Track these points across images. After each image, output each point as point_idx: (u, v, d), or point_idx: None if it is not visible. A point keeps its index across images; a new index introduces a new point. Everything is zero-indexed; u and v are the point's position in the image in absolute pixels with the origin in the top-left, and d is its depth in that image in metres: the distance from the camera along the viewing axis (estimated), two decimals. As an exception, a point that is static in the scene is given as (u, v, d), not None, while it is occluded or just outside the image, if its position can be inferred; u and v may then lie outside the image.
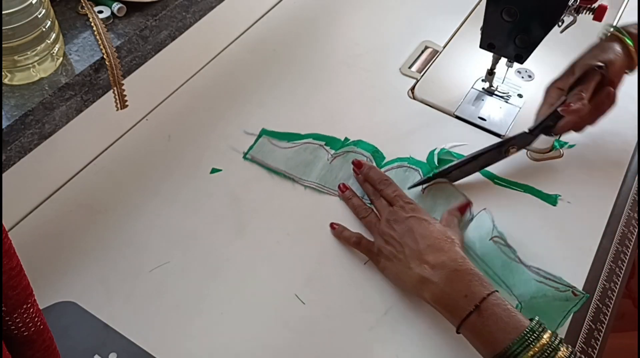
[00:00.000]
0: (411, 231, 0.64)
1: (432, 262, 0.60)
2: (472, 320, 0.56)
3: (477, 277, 0.58)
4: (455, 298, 0.57)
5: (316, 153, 0.77)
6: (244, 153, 0.76)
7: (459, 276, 0.58)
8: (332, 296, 0.65)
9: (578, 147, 0.79)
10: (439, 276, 0.59)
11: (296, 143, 0.78)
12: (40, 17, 0.57)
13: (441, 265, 0.60)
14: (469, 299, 0.57)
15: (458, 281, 0.58)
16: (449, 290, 0.58)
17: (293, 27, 0.95)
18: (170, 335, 0.61)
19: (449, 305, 0.58)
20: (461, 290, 0.58)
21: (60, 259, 0.67)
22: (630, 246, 0.70)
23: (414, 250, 0.62)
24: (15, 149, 0.60)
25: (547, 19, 0.71)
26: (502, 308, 0.55)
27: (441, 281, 0.59)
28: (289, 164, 0.75)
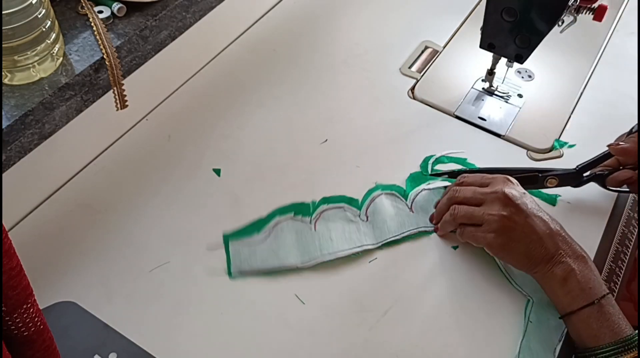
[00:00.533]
0: (533, 211, 0.63)
1: (566, 245, 0.62)
2: (589, 311, 0.58)
3: (598, 274, 0.61)
4: (582, 286, 0.59)
5: (295, 229, 0.69)
6: (228, 272, 0.65)
7: (587, 265, 0.61)
8: (332, 296, 0.65)
9: (578, 147, 0.79)
10: (572, 260, 0.61)
11: (267, 229, 0.69)
12: (40, 17, 0.57)
13: (572, 248, 0.62)
14: (592, 291, 0.59)
15: (587, 271, 0.60)
16: (577, 276, 0.60)
17: (293, 27, 0.95)
18: (170, 335, 0.61)
19: (572, 290, 0.60)
20: (588, 280, 0.60)
21: (60, 259, 0.67)
22: (630, 246, 0.70)
23: (545, 230, 0.62)
24: (15, 149, 0.60)
25: (547, 19, 0.71)
26: (616, 310, 0.59)
27: (573, 263, 0.60)
28: (280, 256, 0.66)
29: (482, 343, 0.61)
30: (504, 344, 0.61)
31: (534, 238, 0.62)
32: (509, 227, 0.62)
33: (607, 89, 0.87)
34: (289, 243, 0.67)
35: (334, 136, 0.80)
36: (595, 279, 0.60)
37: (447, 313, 0.63)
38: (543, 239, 0.62)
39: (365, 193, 0.73)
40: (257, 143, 0.79)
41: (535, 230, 0.62)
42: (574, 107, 0.84)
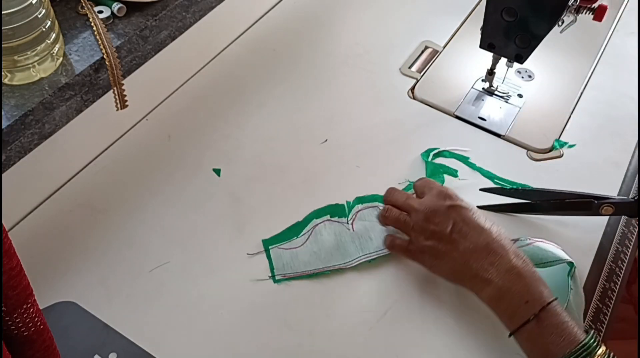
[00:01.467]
0: (457, 224, 0.60)
1: (492, 260, 0.58)
2: (530, 327, 0.55)
3: (539, 282, 0.57)
4: (516, 303, 0.56)
5: (334, 230, 0.69)
6: (272, 277, 0.66)
7: (521, 279, 0.56)
8: (332, 296, 0.65)
9: (578, 147, 0.79)
10: (500, 277, 0.57)
11: (306, 232, 0.69)
12: (40, 17, 0.57)
13: (504, 265, 0.57)
14: (529, 305, 0.55)
15: (521, 285, 0.56)
16: (510, 293, 0.56)
17: (293, 27, 0.95)
18: (170, 335, 0.61)
19: (508, 309, 0.57)
20: (523, 294, 0.56)
21: (60, 259, 0.67)
22: (630, 246, 0.70)
23: (469, 248, 0.59)
24: (15, 149, 0.60)
25: (547, 19, 0.71)
26: (559, 319, 0.54)
27: (502, 281, 0.57)
28: (322, 258, 0.67)
29: (482, 343, 0.61)
30: (504, 344, 0.61)
31: (455, 255, 0.60)
32: (434, 246, 0.61)
33: (607, 89, 0.87)
34: (329, 245, 0.68)
35: (334, 136, 0.80)
36: (533, 291, 0.56)
37: (447, 313, 0.63)
38: (465, 255, 0.59)
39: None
40: (257, 143, 0.79)
41: (457, 247, 0.60)
42: (574, 107, 0.84)
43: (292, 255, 0.67)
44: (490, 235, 0.60)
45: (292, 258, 0.67)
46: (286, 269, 0.66)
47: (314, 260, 0.67)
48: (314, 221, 0.70)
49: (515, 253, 0.59)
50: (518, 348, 0.60)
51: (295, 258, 0.67)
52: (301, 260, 0.67)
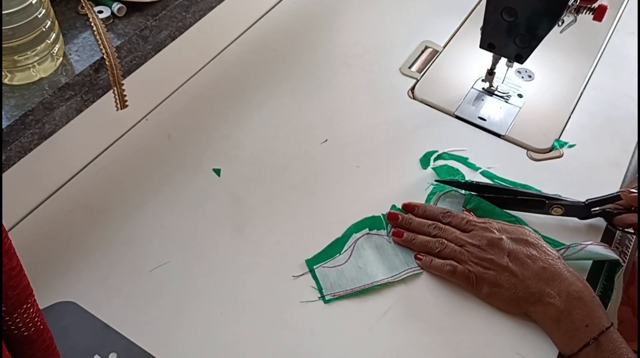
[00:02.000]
0: (514, 253, 0.62)
1: (553, 284, 0.59)
2: (589, 351, 0.56)
3: (599, 307, 0.58)
4: (576, 326, 0.57)
5: (375, 244, 0.69)
6: (321, 298, 0.64)
7: (582, 303, 0.58)
8: (332, 296, 0.65)
9: (578, 147, 0.79)
10: (562, 300, 0.58)
11: (347, 248, 0.68)
12: (40, 17, 0.57)
13: (565, 289, 0.59)
14: (589, 329, 0.57)
15: (581, 309, 0.58)
16: (571, 317, 0.58)
17: (293, 27, 0.95)
18: (170, 335, 0.61)
19: (568, 332, 0.58)
20: (584, 318, 0.57)
21: (60, 259, 0.67)
22: (630, 246, 0.70)
23: (528, 273, 0.60)
24: (15, 149, 0.60)
25: (547, 19, 0.71)
26: (617, 345, 0.56)
27: (564, 305, 0.58)
28: (369, 273, 0.66)
29: (482, 343, 0.61)
30: (504, 344, 0.61)
31: (514, 281, 0.61)
32: (494, 276, 0.62)
33: (607, 89, 0.87)
34: (373, 259, 0.67)
35: (334, 136, 0.80)
36: (593, 315, 0.58)
37: (447, 312, 0.63)
38: (525, 281, 0.61)
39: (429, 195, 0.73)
40: (257, 143, 0.79)
41: (515, 273, 0.61)
42: (574, 107, 0.84)
43: (338, 272, 0.66)
44: (547, 259, 0.62)
45: (338, 276, 0.66)
46: (334, 288, 0.65)
47: (361, 275, 0.66)
48: (354, 236, 0.69)
49: (574, 276, 0.61)
50: (518, 348, 0.60)
51: (341, 276, 0.66)
52: (348, 277, 0.66)
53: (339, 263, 0.67)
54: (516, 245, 0.63)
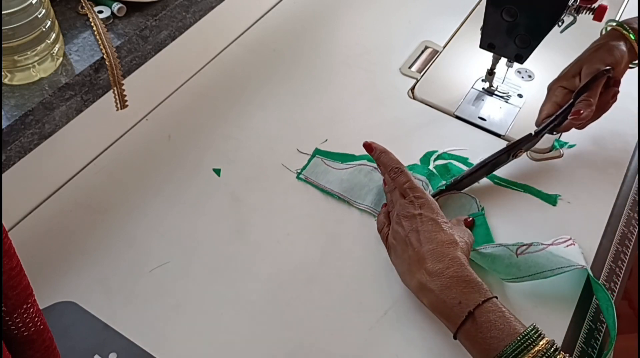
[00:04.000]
0: (416, 231, 0.63)
1: (431, 269, 0.59)
2: (467, 327, 0.56)
3: (473, 283, 0.58)
4: (450, 306, 0.57)
5: (371, 176, 0.74)
6: (297, 173, 0.75)
7: (454, 283, 0.58)
8: (332, 296, 0.65)
9: (578, 147, 0.79)
10: (436, 283, 0.58)
11: (350, 164, 0.75)
12: (40, 17, 0.57)
13: (438, 273, 0.59)
14: (462, 306, 0.56)
15: (453, 288, 0.57)
16: (445, 298, 0.58)
17: (293, 27, 0.95)
18: (170, 335, 0.61)
19: (444, 312, 0.58)
20: (455, 297, 0.57)
21: (60, 259, 0.67)
22: (630, 246, 0.70)
23: (416, 253, 0.61)
24: (15, 149, 0.60)
25: (547, 19, 0.71)
26: (497, 315, 0.55)
27: (437, 288, 0.58)
28: (343, 186, 0.73)
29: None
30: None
31: (403, 258, 0.63)
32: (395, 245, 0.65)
33: (607, 89, 0.87)
34: (357, 182, 0.74)
35: (334, 136, 0.80)
36: (466, 292, 0.57)
37: (447, 313, 0.63)
38: (411, 262, 0.61)
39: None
40: (257, 143, 0.79)
41: (407, 250, 0.62)
42: (574, 107, 0.84)
43: (326, 170, 0.75)
44: (439, 243, 0.61)
45: (324, 173, 0.75)
46: (313, 176, 0.74)
47: (337, 184, 0.74)
48: (364, 161, 0.75)
49: (453, 258, 0.60)
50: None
51: (326, 174, 0.75)
52: (328, 178, 0.74)
53: (334, 166, 0.76)
54: (425, 226, 0.63)
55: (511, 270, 0.64)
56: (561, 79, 0.76)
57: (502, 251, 0.65)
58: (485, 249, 0.66)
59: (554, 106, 0.75)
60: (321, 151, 0.77)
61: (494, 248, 0.66)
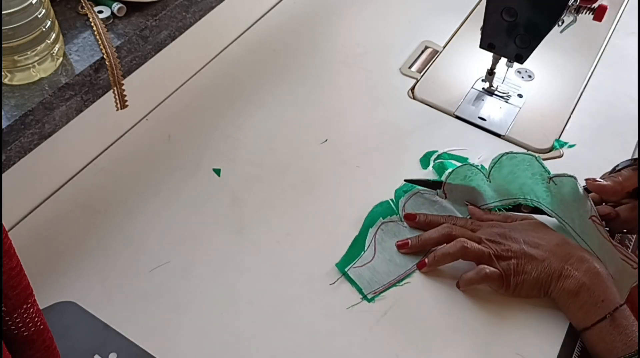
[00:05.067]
0: (527, 240, 0.63)
1: (576, 256, 0.61)
2: (603, 325, 0.58)
3: (613, 284, 0.60)
4: (594, 300, 0.59)
5: (394, 232, 0.69)
6: (364, 298, 0.64)
7: (599, 279, 0.60)
8: (332, 296, 0.65)
9: (578, 147, 0.79)
10: (581, 271, 0.60)
11: (369, 244, 0.68)
12: (40, 17, 0.57)
13: (585, 260, 0.61)
14: (605, 304, 0.58)
15: (598, 284, 0.59)
16: (589, 290, 0.59)
17: (293, 27, 0.95)
18: (170, 335, 0.61)
19: (585, 304, 0.59)
20: (599, 294, 0.59)
21: (60, 259, 0.67)
22: (630, 246, 0.70)
23: (545, 253, 0.62)
24: (15, 149, 0.60)
25: (547, 19, 0.71)
26: (629, 322, 0.58)
27: (584, 277, 0.60)
28: (398, 263, 0.67)
29: (482, 343, 0.61)
30: (504, 344, 0.61)
31: (535, 263, 0.62)
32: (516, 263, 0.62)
33: (607, 89, 0.87)
34: (396, 249, 0.68)
35: (334, 136, 0.80)
36: (609, 291, 0.59)
37: (447, 313, 0.63)
38: (545, 260, 0.62)
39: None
40: (257, 143, 0.79)
41: (534, 256, 0.62)
42: (574, 107, 0.84)
43: (370, 269, 0.66)
44: (557, 238, 0.64)
45: (372, 273, 0.66)
46: (372, 285, 0.65)
47: (392, 267, 0.66)
48: (371, 231, 0.69)
49: (588, 253, 0.62)
50: (518, 348, 0.60)
51: (375, 272, 0.66)
52: (381, 271, 0.66)
53: (367, 260, 0.67)
54: (524, 232, 0.65)
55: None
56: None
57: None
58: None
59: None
60: (342, 264, 0.66)
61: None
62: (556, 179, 0.66)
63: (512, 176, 0.69)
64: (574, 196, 0.65)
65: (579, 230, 0.65)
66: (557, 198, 0.66)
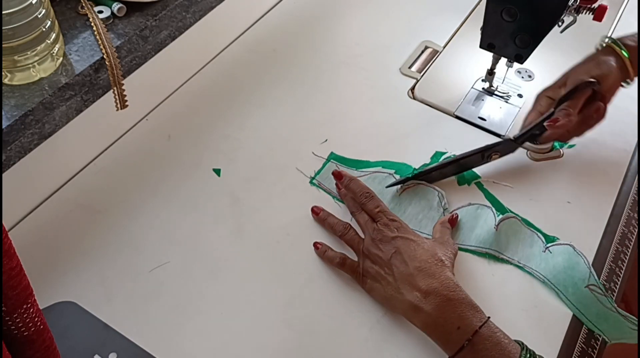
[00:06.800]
0: (399, 253, 0.62)
1: (424, 288, 0.58)
2: (465, 353, 0.55)
3: (469, 306, 0.57)
4: (448, 330, 0.56)
5: (386, 183, 0.73)
6: (311, 178, 0.74)
7: (451, 305, 0.57)
8: (332, 296, 0.65)
9: (578, 147, 0.79)
10: (430, 304, 0.57)
11: (365, 171, 0.74)
12: (40, 17, 0.57)
13: (433, 292, 0.58)
14: (461, 331, 0.56)
15: (451, 312, 0.57)
16: (442, 321, 0.57)
17: (293, 27, 0.95)
18: (170, 335, 0.61)
19: (441, 336, 0.57)
20: (454, 321, 0.56)
21: (60, 259, 0.67)
22: (630, 246, 0.70)
23: (403, 273, 0.60)
24: (15, 149, 0.60)
25: (547, 19, 0.71)
26: (494, 341, 0.55)
27: (433, 310, 0.57)
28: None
29: (482, 343, 0.61)
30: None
31: (390, 280, 0.61)
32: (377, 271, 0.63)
33: (607, 89, 0.87)
34: (377, 192, 0.71)
35: (334, 136, 0.80)
36: (464, 317, 0.56)
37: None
38: (397, 282, 0.60)
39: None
40: (257, 143, 0.79)
41: (393, 272, 0.61)
42: (574, 107, 0.84)
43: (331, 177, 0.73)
44: (424, 261, 0.61)
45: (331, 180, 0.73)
46: (326, 182, 0.73)
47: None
48: (379, 168, 0.74)
49: (446, 278, 0.59)
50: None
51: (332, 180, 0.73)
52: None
53: (350, 172, 0.73)
54: (406, 246, 0.62)
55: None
56: (548, 89, 0.76)
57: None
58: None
59: (537, 115, 0.75)
60: (337, 156, 0.76)
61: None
62: (552, 249, 0.67)
63: (514, 237, 0.69)
64: (567, 263, 0.65)
65: (573, 298, 0.64)
66: (550, 265, 0.66)
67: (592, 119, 0.73)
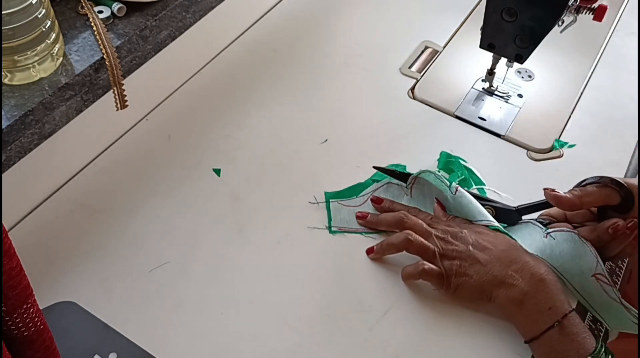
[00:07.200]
0: (476, 242, 0.62)
1: (515, 267, 0.59)
2: (551, 334, 0.56)
3: (561, 291, 0.58)
4: (540, 308, 0.57)
5: (392, 194, 0.73)
6: (328, 228, 0.70)
7: (544, 285, 0.58)
8: (332, 296, 0.65)
9: (578, 147, 0.79)
10: (525, 280, 0.58)
11: (366, 193, 0.73)
12: (40, 17, 0.57)
13: (527, 270, 0.58)
14: (552, 312, 0.56)
15: (544, 291, 0.57)
16: (534, 299, 0.57)
17: (293, 27, 0.95)
18: (170, 335, 0.61)
19: (530, 314, 0.57)
20: (547, 301, 0.57)
21: (60, 259, 0.67)
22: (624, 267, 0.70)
23: (489, 257, 0.60)
24: (15, 149, 0.60)
25: (547, 19, 0.71)
26: (579, 328, 0.56)
27: (527, 286, 0.58)
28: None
29: (482, 343, 0.61)
30: (504, 344, 0.61)
31: (478, 267, 0.61)
32: (460, 265, 0.62)
33: (607, 89, 0.87)
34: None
35: (334, 136, 0.80)
36: (556, 298, 0.57)
37: (448, 312, 0.63)
38: (488, 265, 0.60)
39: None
40: (257, 143, 0.79)
41: (478, 259, 0.61)
42: (574, 107, 0.84)
43: (349, 212, 0.71)
44: (508, 243, 0.62)
45: (349, 215, 0.71)
46: (342, 223, 0.70)
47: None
48: (375, 185, 0.73)
49: (536, 259, 0.61)
50: (518, 349, 0.60)
51: (352, 215, 0.71)
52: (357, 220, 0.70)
53: (353, 204, 0.72)
54: (477, 236, 0.63)
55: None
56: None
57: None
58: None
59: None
60: (331, 194, 0.72)
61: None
62: (554, 234, 0.65)
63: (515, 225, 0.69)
64: (574, 252, 0.64)
65: (579, 287, 0.63)
66: (556, 252, 0.65)
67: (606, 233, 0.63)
